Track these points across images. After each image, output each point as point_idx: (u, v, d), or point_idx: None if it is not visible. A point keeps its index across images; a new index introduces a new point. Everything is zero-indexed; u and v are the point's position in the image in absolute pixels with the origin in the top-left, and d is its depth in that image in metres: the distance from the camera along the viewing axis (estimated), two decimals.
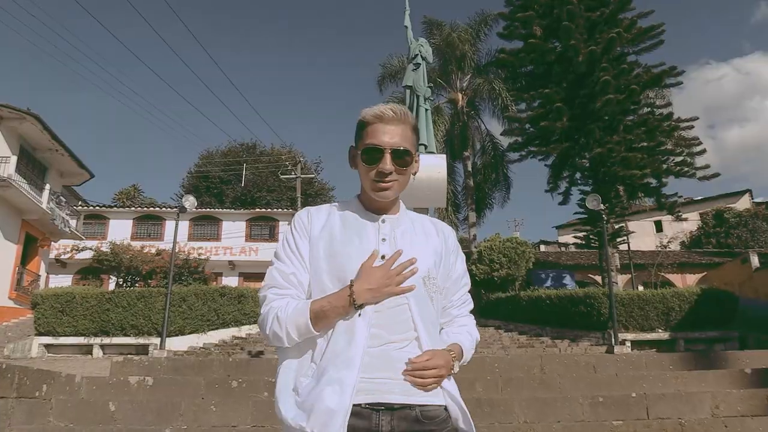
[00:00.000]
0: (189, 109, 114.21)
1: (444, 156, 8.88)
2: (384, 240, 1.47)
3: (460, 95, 26.93)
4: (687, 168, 17.57)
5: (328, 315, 1.36)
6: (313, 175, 36.97)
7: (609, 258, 14.28)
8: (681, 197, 18.83)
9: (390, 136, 1.46)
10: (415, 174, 1.57)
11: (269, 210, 31.40)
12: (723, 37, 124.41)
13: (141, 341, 12.28)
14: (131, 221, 29.63)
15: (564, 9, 17.30)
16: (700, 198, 36.49)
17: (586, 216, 18.02)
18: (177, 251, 14.00)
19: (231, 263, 29.01)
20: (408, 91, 9.61)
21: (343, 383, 1.29)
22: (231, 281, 27.07)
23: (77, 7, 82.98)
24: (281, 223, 30.10)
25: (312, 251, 1.47)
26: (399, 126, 1.48)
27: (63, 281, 24.34)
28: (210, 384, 6.03)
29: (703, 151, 18.23)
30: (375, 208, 1.52)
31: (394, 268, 1.39)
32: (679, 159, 17.86)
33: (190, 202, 13.16)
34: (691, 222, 32.45)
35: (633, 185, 17.85)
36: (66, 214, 21.67)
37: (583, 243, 19.51)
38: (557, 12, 17.68)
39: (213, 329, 12.98)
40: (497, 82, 25.14)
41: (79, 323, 12.29)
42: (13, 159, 18.05)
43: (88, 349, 12.28)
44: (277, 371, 1.44)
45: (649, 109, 18.43)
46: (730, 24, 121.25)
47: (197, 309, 12.81)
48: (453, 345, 1.50)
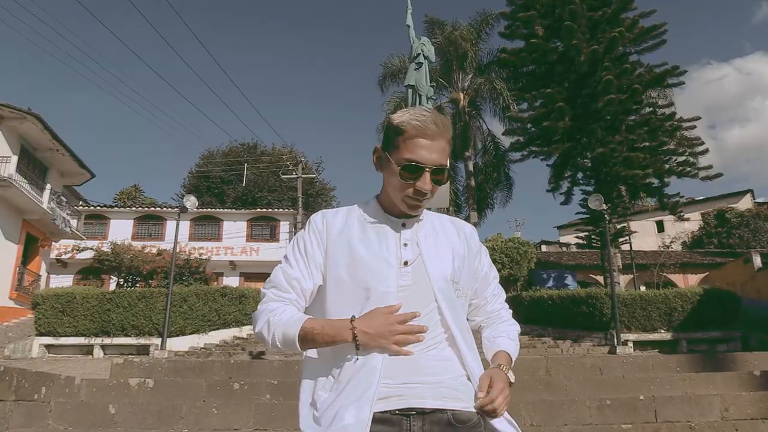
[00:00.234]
0: (190, 109, 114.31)
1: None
2: (406, 245, 1.42)
3: (461, 95, 26.89)
4: (689, 168, 17.51)
5: (316, 340, 1.30)
6: (314, 175, 36.92)
7: (611, 258, 14.26)
8: (683, 197, 18.76)
9: (431, 151, 1.36)
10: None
11: (270, 210, 31.38)
12: (724, 37, 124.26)
13: (142, 341, 12.27)
14: (132, 221, 29.63)
15: (566, 9, 17.27)
16: (701, 198, 36.39)
17: (588, 216, 17.96)
18: (178, 251, 13.97)
19: (232, 263, 29.00)
20: (410, 91, 9.59)
21: (362, 398, 1.24)
22: (232, 281, 27.05)
23: (78, 7, 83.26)
24: (282, 223, 30.11)
25: (329, 258, 1.41)
26: (440, 141, 1.38)
27: (64, 281, 24.33)
28: (211, 386, 5.98)
29: (706, 151, 18.17)
30: (396, 211, 1.46)
31: (402, 325, 1.28)
32: (682, 159, 17.81)
33: (191, 202, 13.15)
34: (693, 222, 32.35)
35: (635, 185, 17.79)
36: (67, 214, 21.65)
37: (585, 243, 19.47)
38: (559, 12, 17.64)
39: (214, 329, 12.95)
40: (498, 81, 25.12)
41: (80, 323, 12.26)
42: (14, 159, 18.04)
43: (88, 350, 12.26)
44: (299, 383, 1.40)
45: (652, 109, 18.37)
46: (730, 24, 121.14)
47: (198, 309, 12.78)
48: (499, 354, 1.46)
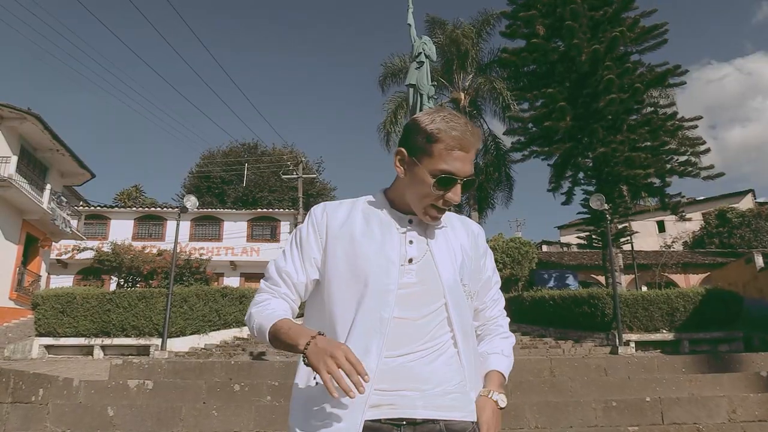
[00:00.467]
0: (190, 109, 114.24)
1: None
2: (411, 243, 1.36)
3: (462, 94, 26.81)
4: (691, 168, 17.45)
5: (281, 339, 1.24)
6: (315, 175, 36.86)
7: (613, 258, 14.19)
8: (684, 197, 18.71)
9: (465, 163, 1.31)
10: None
11: (271, 210, 31.37)
12: (724, 37, 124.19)
13: (142, 342, 12.23)
14: (132, 221, 29.62)
15: (567, 8, 17.20)
16: (702, 198, 36.34)
17: (589, 216, 17.91)
18: (178, 251, 13.94)
19: (232, 263, 28.98)
20: (411, 90, 9.55)
21: (354, 402, 1.19)
22: (232, 281, 27.04)
23: (78, 7, 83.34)
24: (283, 224, 30.10)
25: (329, 251, 1.36)
26: (473, 152, 1.34)
27: (64, 282, 24.32)
28: (211, 388, 5.93)
29: (708, 151, 18.10)
30: (405, 208, 1.41)
31: (346, 359, 1.13)
32: (683, 158, 17.76)
33: (191, 202, 13.12)
34: (694, 222, 32.32)
35: (636, 185, 17.73)
36: (67, 214, 21.62)
37: (586, 243, 19.43)
38: (560, 11, 17.57)
39: (214, 330, 12.91)
40: (499, 81, 25.06)
41: (80, 324, 12.23)
42: (14, 159, 18.00)
43: (88, 350, 12.22)
44: (294, 380, 1.37)
45: (653, 109, 18.32)
46: (731, 24, 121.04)
47: (198, 309, 12.74)
48: (491, 376, 1.42)
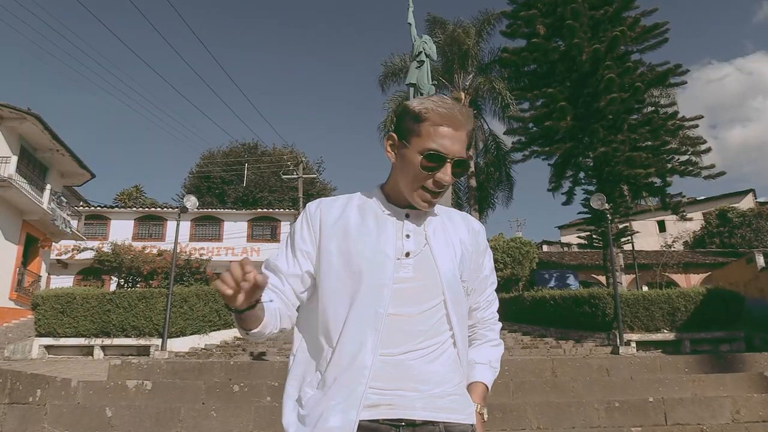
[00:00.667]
0: (190, 109, 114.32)
1: None
2: (408, 236, 1.33)
3: (463, 94, 26.77)
4: (692, 167, 17.42)
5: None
6: (315, 176, 36.85)
7: (614, 258, 14.15)
8: (685, 197, 18.69)
9: (454, 142, 1.29)
10: None
11: (271, 210, 31.35)
12: (725, 37, 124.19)
13: (142, 342, 12.21)
14: (132, 222, 29.61)
15: (568, 7, 17.16)
16: (702, 198, 36.32)
17: (590, 216, 17.88)
18: (178, 252, 13.92)
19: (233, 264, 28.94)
20: (412, 89, 9.52)
21: (348, 399, 1.16)
22: None
23: (78, 7, 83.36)
24: (283, 224, 30.08)
25: (323, 246, 1.33)
26: (462, 132, 1.31)
27: (64, 282, 24.32)
28: (211, 388, 5.90)
29: (708, 150, 18.08)
30: (402, 202, 1.38)
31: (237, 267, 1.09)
32: (684, 158, 17.74)
33: (191, 202, 13.10)
34: (695, 222, 32.29)
35: (637, 184, 17.69)
36: (67, 214, 21.60)
37: (587, 243, 19.39)
38: (561, 10, 17.55)
39: (215, 330, 12.89)
40: (498, 81, 25.03)
41: (80, 324, 12.21)
42: (14, 159, 17.97)
43: (88, 351, 12.20)
44: (286, 378, 1.33)
45: (654, 108, 18.29)
46: (731, 24, 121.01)
47: (199, 310, 12.71)
48: (475, 387, 1.39)
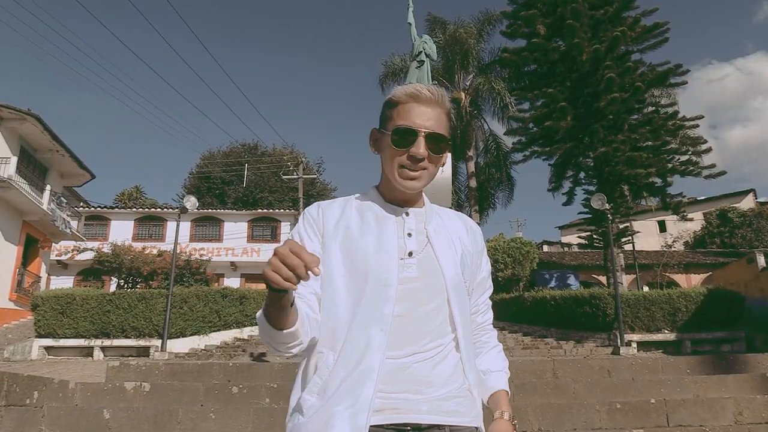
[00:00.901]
0: (190, 110, 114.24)
1: (449, 155, 8.71)
2: (410, 235, 1.31)
3: (463, 94, 26.73)
4: (692, 167, 17.41)
5: (266, 308, 1.10)
6: (315, 176, 36.79)
7: (614, 258, 14.12)
8: (685, 197, 18.67)
9: (425, 118, 1.29)
10: (443, 166, 1.39)
11: (271, 211, 31.32)
12: (725, 37, 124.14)
13: (142, 343, 12.20)
14: (132, 222, 29.60)
15: (568, 7, 17.15)
16: (703, 198, 36.26)
17: (590, 216, 17.87)
18: (178, 252, 13.90)
19: (233, 264, 28.94)
20: None
21: (357, 403, 1.12)
22: (233, 282, 26.99)
23: (78, 7, 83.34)
24: (283, 224, 30.05)
25: (326, 249, 1.30)
26: (435, 109, 1.31)
27: (64, 282, 24.30)
28: (209, 390, 5.88)
29: (709, 150, 18.08)
30: (397, 199, 1.36)
31: (293, 253, 0.98)
32: (685, 158, 17.72)
33: (191, 202, 13.09)
34: (695, 222, 32.24)
35: (638, 184, 17.67)
36: (67, 215, 21.57)
37: (588, 243, 19.37)
38: (561, 10, 17.53)
39: (215, 331, 12.88)
40: (498, 82, 24.99)
41: (80, 325, 12.20)
42: (14, 160, 17.96)
43: (88, 351, 12.20)
44: (295, 380, 1.29)
45: (654, 108, 18.26)
46: (731, 24, 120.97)
47: (198, 310, 12.70)
48: (499, 397, 1.36)
